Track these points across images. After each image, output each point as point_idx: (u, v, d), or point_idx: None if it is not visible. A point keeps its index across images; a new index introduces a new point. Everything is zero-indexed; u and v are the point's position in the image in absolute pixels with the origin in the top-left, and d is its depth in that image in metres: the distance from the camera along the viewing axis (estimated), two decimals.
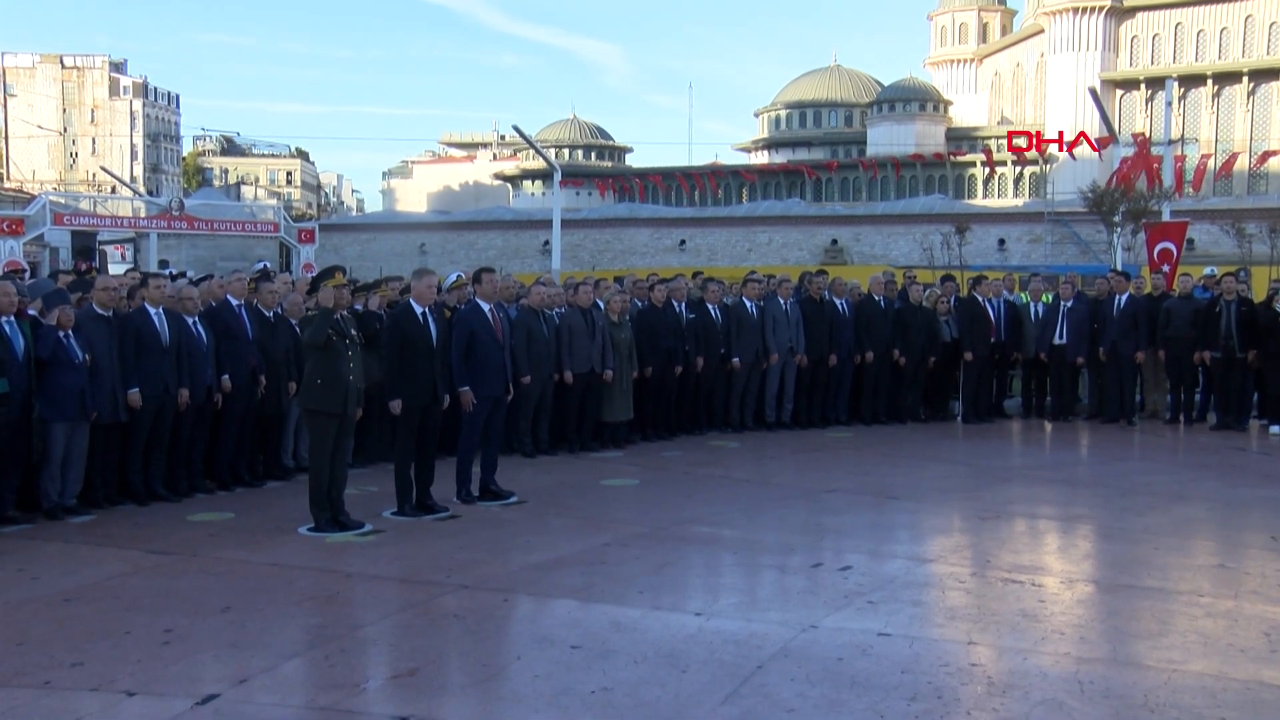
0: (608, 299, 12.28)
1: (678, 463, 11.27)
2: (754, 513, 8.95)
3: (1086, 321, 14.21)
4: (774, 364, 13.37)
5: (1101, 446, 12.71)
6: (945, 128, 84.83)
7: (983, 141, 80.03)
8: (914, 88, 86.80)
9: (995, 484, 10.35)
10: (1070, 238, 49.53)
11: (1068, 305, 14.29)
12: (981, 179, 76.53)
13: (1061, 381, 14.55)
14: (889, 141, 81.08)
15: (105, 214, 39.57)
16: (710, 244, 56.32)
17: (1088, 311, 14.28)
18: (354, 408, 8.25)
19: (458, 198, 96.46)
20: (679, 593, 6.72)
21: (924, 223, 50.67)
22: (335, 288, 8.16)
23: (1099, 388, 14.51)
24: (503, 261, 51.29)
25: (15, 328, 8.37)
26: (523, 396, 11.01)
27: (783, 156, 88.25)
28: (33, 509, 8.56)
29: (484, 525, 8.45)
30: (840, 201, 72.98)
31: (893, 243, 52.77)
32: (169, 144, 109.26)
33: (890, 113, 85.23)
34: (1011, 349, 14.61)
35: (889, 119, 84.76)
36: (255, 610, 6.19)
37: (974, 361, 14.22)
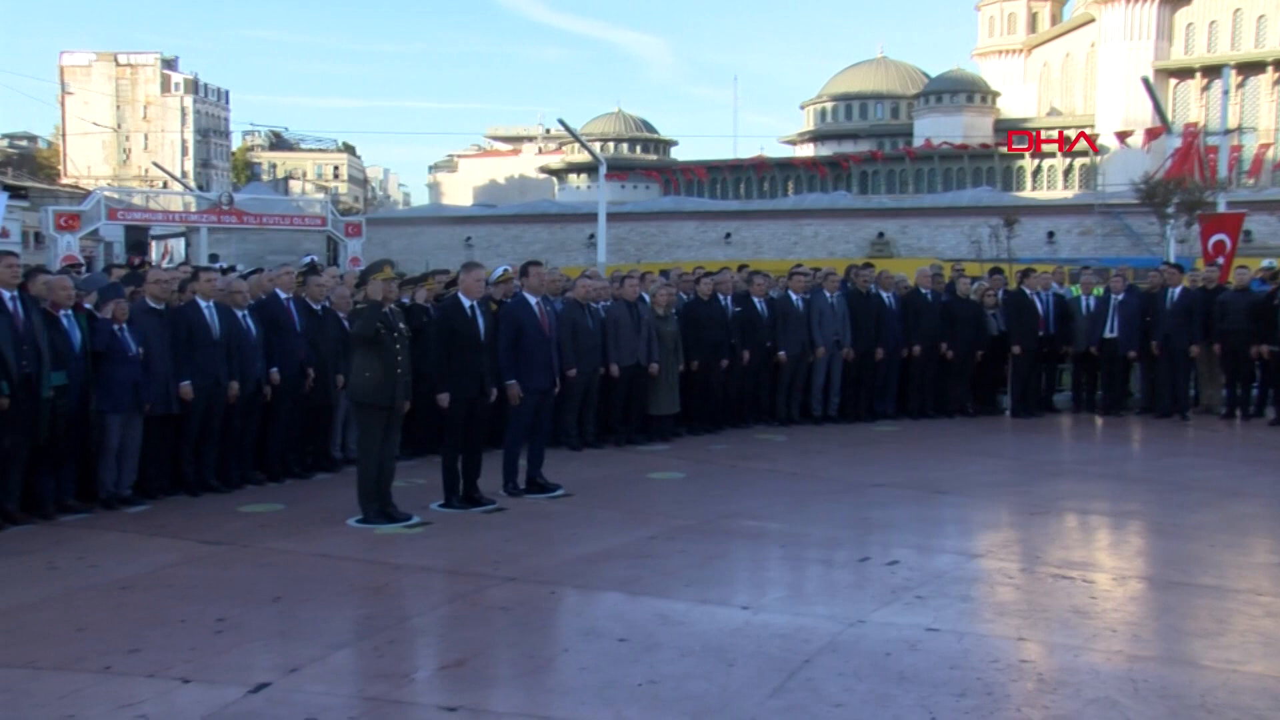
0: (653, 292, 12.29)
1: (724, 456, 11.25)
2: (800, 506, 8.92)
3: (1139, 315, 14.02)
4: (820, 358, 13.32)
5: (1154, 441, 12.54)
6: (993, 119, 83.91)
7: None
8: (961, 79, 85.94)
9: (1044, 479, 10.24)
10: (1121, 230, 48.86)
11: (1119, 298, 14.10)
12: (1030, 171, 75.65)
13: (1113, 375, 14.36)
14: (936, 133, 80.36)
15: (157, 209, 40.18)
16: (756, 237, 56.10)
17: (1140, 305, 14.09)
18: (402, 400, 8.32)
19: (503, 191, 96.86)
20: (726, 586, 6.71)
21: (971, 215, 50.15)
22: (384, 281, 8.23)
23: (1151, 382, 14.31)
24: (548, 255, 51.36)
25: (73, 321, 8.54)
26: (569, 390, 11.04)
27: (829, 149, 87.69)
28: (90, 499, 8.71)
29: (530, 518, 8.49)
30: (887, 194, 72.44)
31: (940, 235, 52.29)
32: (219, 139, 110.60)
33: (937, 104, 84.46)
34: (1061, 342, 14.45)
35: (936, 111, 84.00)
36: (305, 600, 6.26)
37: (1022, 355, 14.08)
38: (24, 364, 7.95)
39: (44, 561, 7.14)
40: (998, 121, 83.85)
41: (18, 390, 7.90)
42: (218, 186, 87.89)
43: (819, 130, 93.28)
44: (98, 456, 8.67)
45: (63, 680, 4.97)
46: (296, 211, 42.07)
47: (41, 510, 8.31)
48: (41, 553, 7.35)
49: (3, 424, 7.81)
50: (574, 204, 67.84)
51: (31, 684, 4.94)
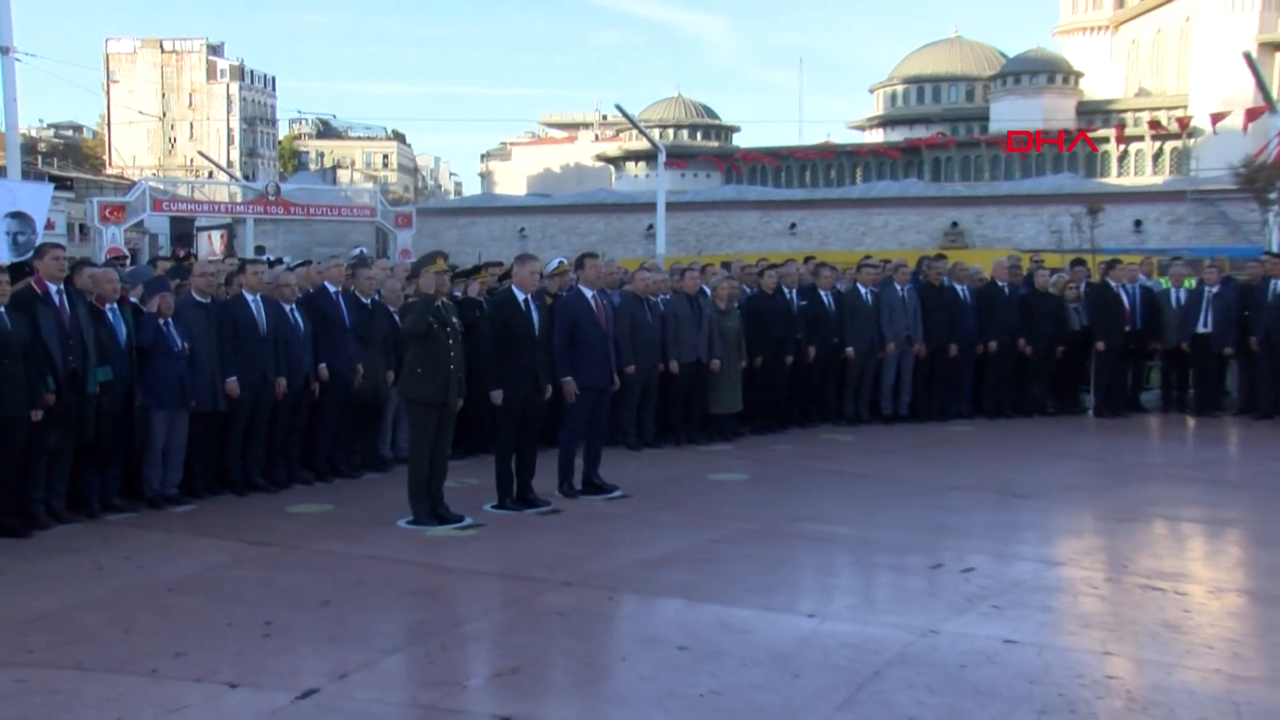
0: (715, 285, 12.27)
1: (789, 457, 11.22)
2: (869, 510, 8.88)
3: (1235, 308, 13.73)
4: (890, 354, 13.24)
5: (1253, 444, 12.30)
6: (1076, 101, 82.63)
7: (1117, 115, 77.73)
8: (1042, 59, 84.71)
9: (1132, 483, 10.09)
10: (1216, 217, 47.92)
11: (1213, 291, 13.83)
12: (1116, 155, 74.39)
13: (1206, 373, 14.10)
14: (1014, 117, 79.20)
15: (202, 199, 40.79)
16: (822, 227, 55.82)
17: (1237, 298, 13.80)
18: (455, 398, 8.39)
19: (558, 180, 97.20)
20: (791, 593, 6.70)
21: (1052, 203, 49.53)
22: (436, 274, 8.30)
23: (1250, 380, 14.02)
24: (605, 246, 51.55)
25: (118, 315, 8.70)
26: (627, 387, 11.07)
27: (899, 134, 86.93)
28: (136, 497, 8.89)
29: (587, 520, 8.52)
30: (961, 181, 71.68)
31: (1018, 225, 51.66)
32: (265, 127, 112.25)
33: (1015, 86, 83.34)
34: (1148, 338, 14.22)
35: (1014, 93, 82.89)
36: (355, 604, 6.34)
37: (1106, 351, 13.88)
38: (70, 359, 8.12)
39: (90, 561, 7.30)
40: (1081, 103, 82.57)
41: (64, 386, 8.07)
42: (264, 176, 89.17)
43: (889, 115, 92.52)
44: (143, 454, 8.84)
45: (110, 683, 5.08)
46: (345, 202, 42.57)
47: (87, 509, 8.49)
48: (88, 552, 7.52)
49: (49, 421, 7.98)
50: (632, 193, 67.93)
51: (80, 686, 5.05)
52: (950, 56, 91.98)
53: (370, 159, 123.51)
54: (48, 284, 8.23)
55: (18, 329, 7.81)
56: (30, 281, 8.26)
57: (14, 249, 14.56)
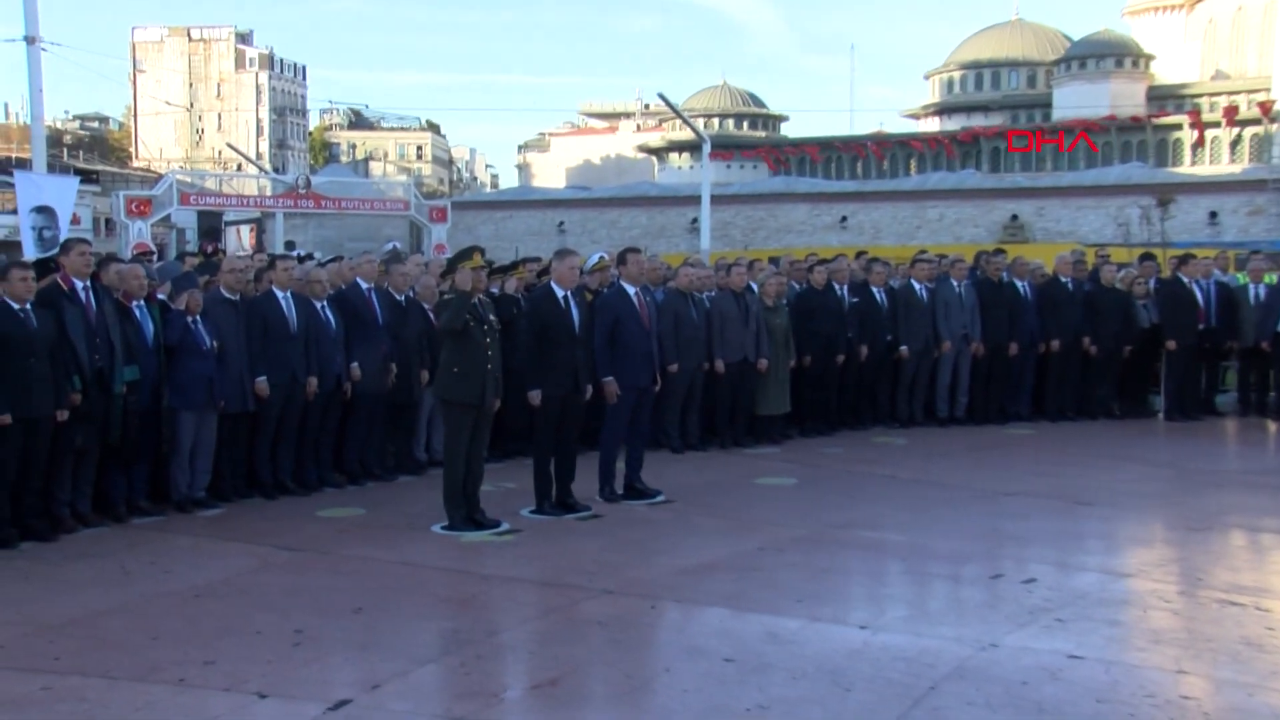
0: (762, 281, 12.26)
1: (839, 460, 11.19)
2: (924, 516, 8.83)
3: None
4: (946, 353, 13.17)
5: None
6: (1146, 86, 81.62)
7: (1191, 100, 76.67)
8: (1109, 41, 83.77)
9: (1206, 490, 9.97)
10: None
11: None
12: (1190, 143, 73.42)
13: None
14: (1079, 103, 78.41)
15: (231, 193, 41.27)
16: (875, 220, 55.53)
17: None
18: (492, 398, 8.42)
19: (598, 172, 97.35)
20: (841, 603, 6.68)
21: (1119, 194, 48.93)
22: (472, 269, 8.33)
23: None
24: (647, 241, 51.51)
25: (145, 312, 8.80)
26: (670, 387, 11.07)
27: (956, 123, 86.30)
28: (162, 500, 9.00)
29: (628, 526, 8.54)
30: (1021, 172, 70.93)
31: (1082, 217, 51.12)
32: (295, 118, 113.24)
33: (1081, 71, 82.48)
34: (1224, 337, 14.04)
35: (1079, 78, 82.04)
36: (387, 612, 6.39)
37: (1178, 351, 13.72)
38: (96, 358, 8.22)
39: (117, 565, 7.40)
40: (1151, 88, 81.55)
41: (90, 386, 8.17)
42: (294, 169, 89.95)
43: (945, 102, 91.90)
44: (170, 456, 8.93)
45: (137, 692, 5.15)
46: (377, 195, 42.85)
47: (113, 512, 8.60)
48: (114, 556, 7.62)
49: (75, 421, 8.08)
50: (675, 186, 67.92)
51: (106, 694, 5.12)
52: (1011, 40, 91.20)
53: (404, 150, 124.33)
54: (74, 280, 8.34)
55: (43, 327, 7.92)
56: (56, 278, 8.38)
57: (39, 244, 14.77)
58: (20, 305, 7.86)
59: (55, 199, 15.51)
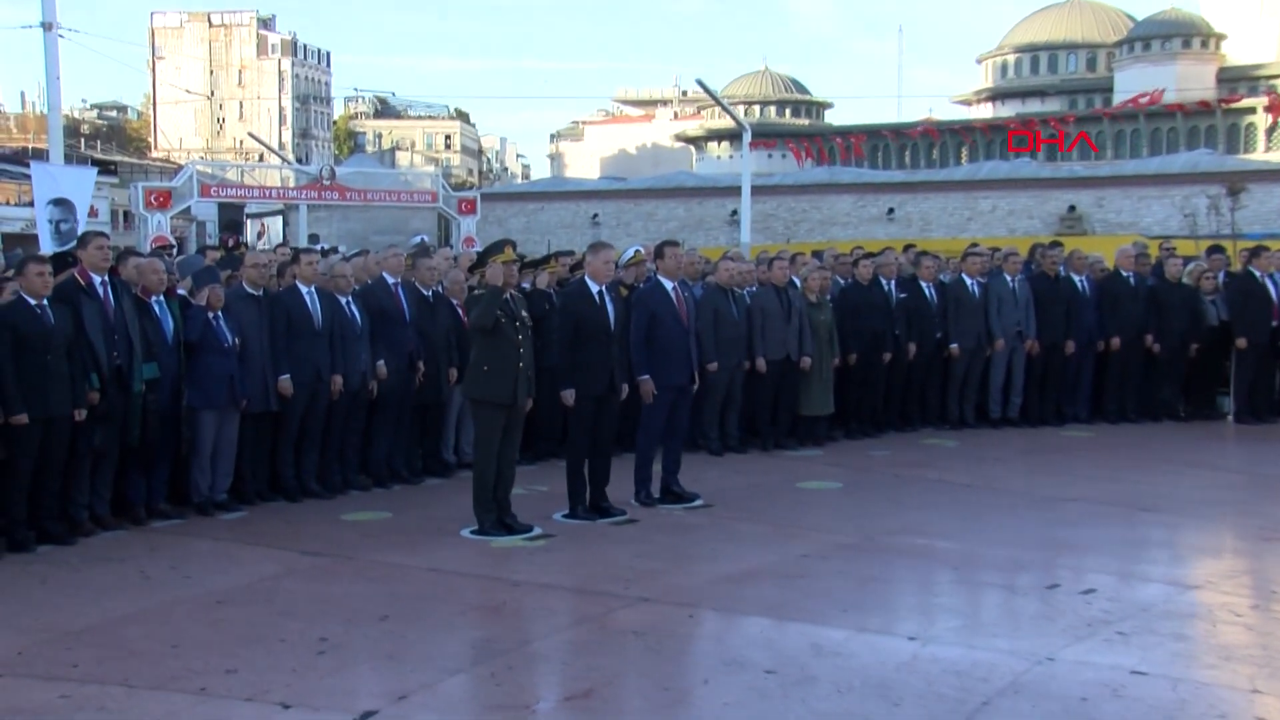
0: (805, 276, 12.23)
1: (886, 463, 11.17)
2: (975, 523, 8.80)
3: None
4: (999, 351, 13.10)
5: None
6: (1216, 68, 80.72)
7: (1266, 82, 75.78)
8: (1176, 21, 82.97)
9: (1279, 497, 9.86)
10: None
11: None
12: (1264, 128, 72.50)
13: None
14: (1142, 87, 77.77)
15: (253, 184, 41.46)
16: (924, 212, 55.26)
17: None
18: (524, 398, 8.45)
19: (634, 162, 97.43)
20: (889, 613, 6.66)
21: (1185, 183, 48.42)
22: (504, 264, 8.36)
23: None
24: (685, 234, 51.50)
25: (165, 308, 8.88)
26: (709, 386, 11.07)
27: (1010, 109, 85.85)
28: (183, 503, 9.09)
29: (666, 531, 8.55)
30: (1080, 161, 70.44)
31: (1145, 208, 50.66)
32: (319, 106, 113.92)
33: (1145, 53, 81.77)
34: None
35: (1143, 60, 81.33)
36: (415, 620, 6.42)
37: (1249, 349, 13.56)
38: (115, 355, 8.30)
39: (136, 570, 7.48)
40: (1222, 69, 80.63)
41: (108, 384, 8.25)
42: (318, 159, 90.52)
43: (999, 87, 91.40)
44: (190, 457, 9.02)
45: (158, 701, 5.20)
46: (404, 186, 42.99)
47: (132, 514, 8.68)
48: (133, 561, 7.70)
49: (93, 421, 8.16)
50: (714, 176, 67.85)
51: (126, 703, 5.18)
52: (1069, 21, 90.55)
53: (431, 140, 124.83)
54: (91, 275, 8.42)
55: (61, 323, 8.00)
56: (73, 272, 8.46)
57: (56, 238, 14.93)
58: (37, 301, 7.95)
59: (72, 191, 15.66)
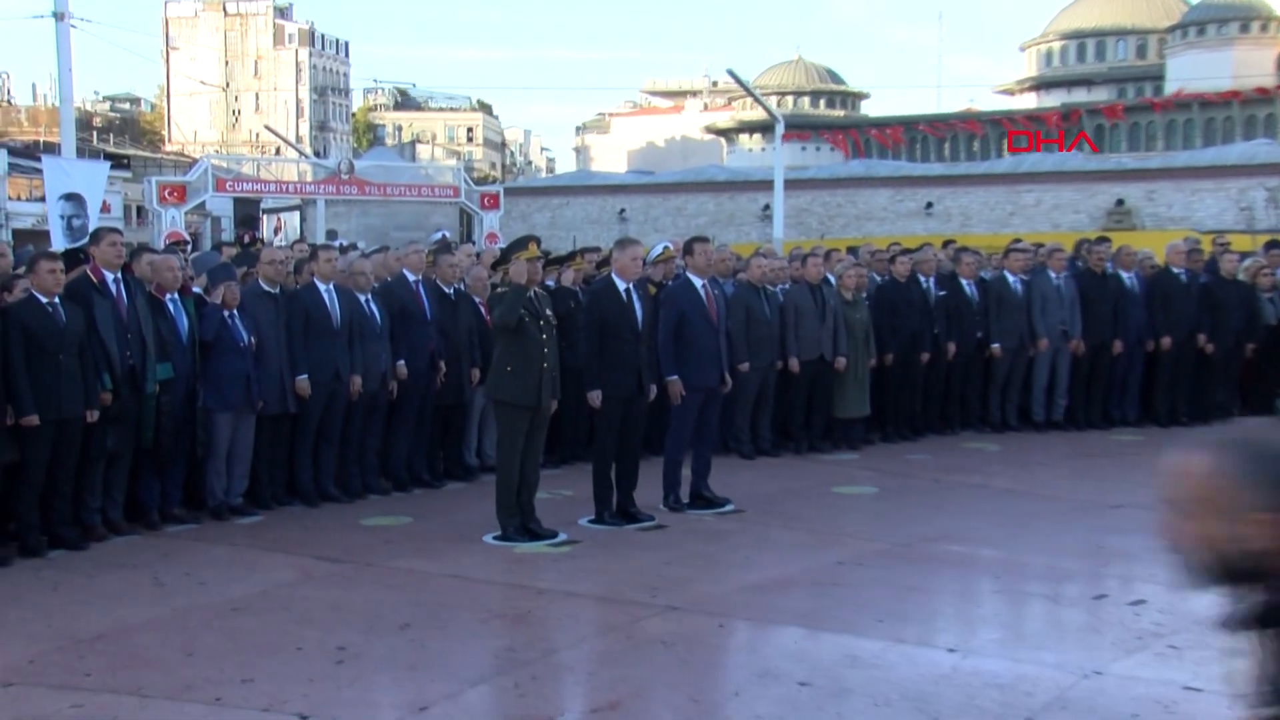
0: (840, 273, 12.22)
1: (924, 468, 11.15)
2: (1019, 530, 8.78)
3: None
4: (1043, 351, 13.04)
5: None
6: (1276, 53, 79.90)
7: None
8: (1234, 4, 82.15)
9: None
10: None
11: None
12: None
13: None
14: (1196, 74, 77.17)
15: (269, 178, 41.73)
16: (964, 207, 55.07)
17: None
18: (549, 399, 8.47)
19: (662, 155, 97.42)
20: (927, 623, 6.65)
21: (1242, 175, 48.08)
22: (528, 260, 8.38)
23: None
24: (716, 229, 51.50)
25: (179, 306, 8.93)
26: (740, 387, 11.06)
27: (1055, 99, 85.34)
28: (197, 507, 9.15)
29: (695, 537, 8.56)
30: (1129, 152, 70.02)
31: (1198, 202, 50.30)
32: (337, 98, 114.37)
33: (1199, 38, 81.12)
34: None
35: (1197, 46, 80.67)
36: (436, 628, 6.45)
37: None
38: (128, 355, 8.36)
39: (149, 577, 7.53)
40: None
41: (121, 385, 8.31)
42: (336, 152, 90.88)
43: (1043, 76, 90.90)
44: (205, 460, 9.08)
45: (171, 711, 5.24)
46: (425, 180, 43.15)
47: (146, 519, 8.74)
48: (147, 567, 7.76)
49: (105, 422, 8.22)
50: (746, 170, 67.81)
51: (139, 713, 5.22)
52: (1118, 6, 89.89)
53: (453, 133, 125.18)
54: (104, 272, 8.47)
55: (73, 322, 8.06)
56: (85, 270, 8.53)
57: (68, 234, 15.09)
58: (49, 299, 8.01)
59: (84, 185, 15.82)
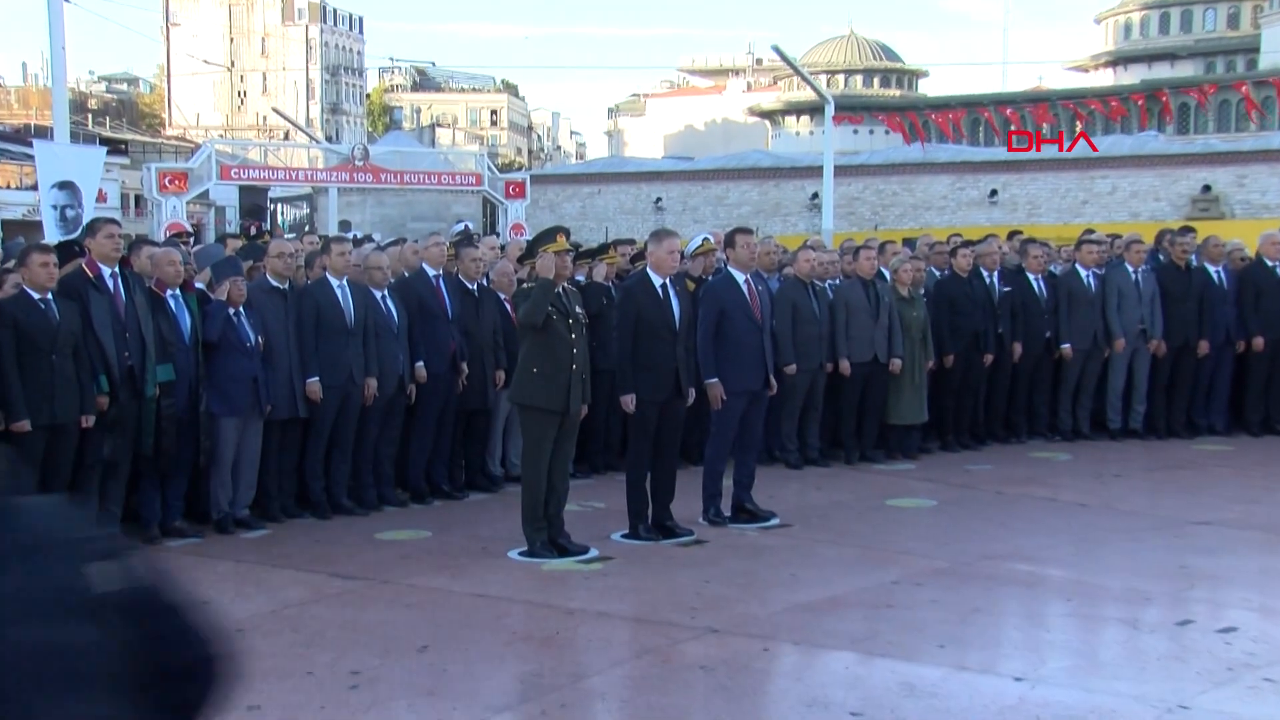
0: (896, 267, 12.19)
1: (988, 479, 11.12)
2: (1092, 548, 8.74)
3: None
4: (1119, 352, 12.98)
5: None
6: None
7: None
8: None
9: None
10: None
11: None
12: None
13: None
14: None
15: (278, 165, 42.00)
16: (1031, 194, 54.80)
17: None
18: (578, 404, 8.48)
19: (702, 140, 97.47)
20: (992, 649, 6.63)
21: None
22: (557, 253, 8.39)
23: None
24: (760, 220, 51.43)
25: (181, 303, 8.99)
26: (786, 391, 11.06)
27: (1134, 75, 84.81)
28: (200, 520, 9.22)
29: (738, 553, 8.56)
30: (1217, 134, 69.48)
31: None
32: (351, 79, 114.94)
33: None
34: None
35: None
36: (457, 651, 6.47)
37: None
38: (126, 356, 8.42)
39: None
40: None
41: (119, 388, 8.37)
42: (350, 137, 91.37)
43: (1122, 50, 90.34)
44: (209, 469, 9.13)
45: None
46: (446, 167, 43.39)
47: (145, 533, 8.78)
48: None
49: (102, 428, 8.28)
50: (793, 155, 67.75)
51: None
52: None
53: (476, 116, 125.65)
54: (100, 266, 8.54)
55: (67, 320, 8.12)
56: (81, 264, 8.60)
57: (61, 225, 15.19)
58: (41, 295, 8.08)
59: (79, 173, 15.92)
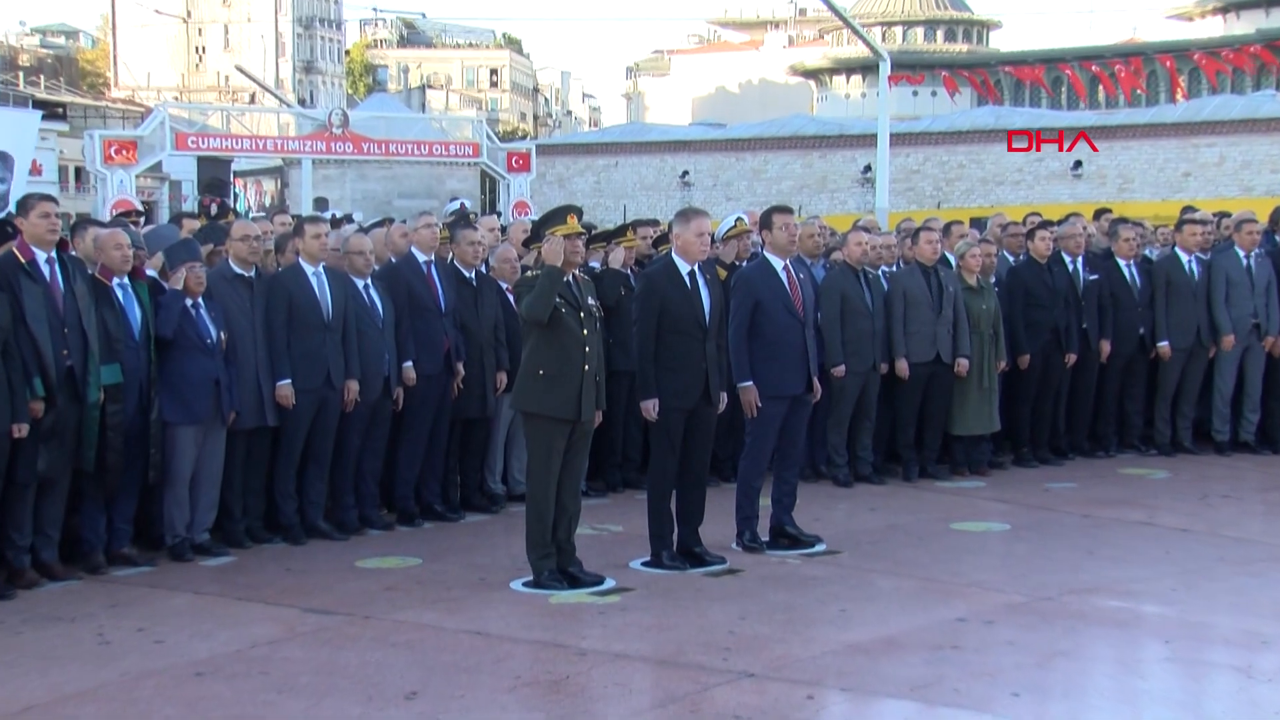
0: (962, 252, 12.16)
1: (1070, 500, 11.11)
2: (1197, 581, 8.71)
3: None
4: (1228, 350, 12.93)
5: None
6: None
7: None
8: None
9: None
10: None
11: None
12: None
13: None
14: None
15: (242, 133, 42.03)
16: (1122, 166, 54.64)
17: None
18: (591, 411, 8.49)
19: (736, 103, 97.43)
20: (1076, 699, 6.61)
21: None
22: (568, 237, 8.39)
23: None
24: (803, 197, 51.43)
25: (130, 294, 8.95)
26: (834, 396, 11.05)
27: (1249, 23, 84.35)
28: (153, 546, 9.23)
29: (777, 585, 8.56)
30: None
31: None
32: (327, 32, 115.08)
33: None
34: None
35: None
36: (452, 698, 6.48)
37: None
38: (65, 354, 8.37)
39: (93, 633, 7.60)
40: None
41: (56, 392, 8.31)
42: (326, 100, 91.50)
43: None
44: (162, 487, 9.13)
45: None
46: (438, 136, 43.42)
47: (88, 561, 8.81)
48: (89, 620, 7.82)
49: (37, 439, 8.22)
50: (842, 121, 67.59)
51: None
52: None
53: (473, 76, 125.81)
54: (34, 251, 8.47)
55: None
56: (11, 247, 8.53)
57: None
58: None
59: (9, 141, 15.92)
